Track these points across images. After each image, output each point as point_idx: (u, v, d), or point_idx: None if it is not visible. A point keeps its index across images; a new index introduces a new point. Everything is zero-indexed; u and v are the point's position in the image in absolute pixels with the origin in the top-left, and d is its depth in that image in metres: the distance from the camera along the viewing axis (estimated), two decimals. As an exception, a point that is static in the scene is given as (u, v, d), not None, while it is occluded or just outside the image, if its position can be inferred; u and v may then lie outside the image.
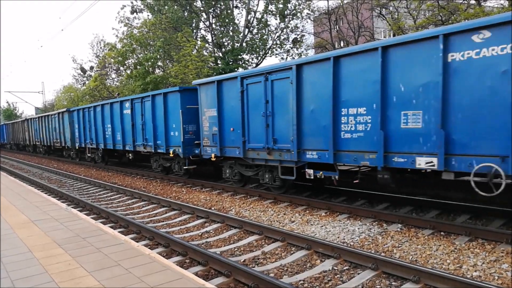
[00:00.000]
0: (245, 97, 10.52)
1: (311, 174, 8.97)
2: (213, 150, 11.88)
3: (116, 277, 4.49)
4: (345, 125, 8.01)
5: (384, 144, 7.27)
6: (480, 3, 18.73)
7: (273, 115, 9.72)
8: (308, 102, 8.78)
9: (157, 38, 24.47)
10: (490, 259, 5.48)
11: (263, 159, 10.22)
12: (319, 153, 8.62)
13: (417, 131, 6.85)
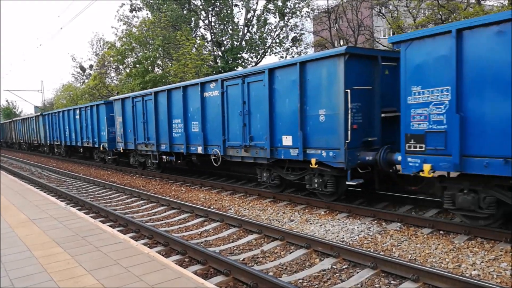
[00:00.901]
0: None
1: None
2: (121, 145, 17.10)
3: (115, 276, 4.49)
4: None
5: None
6: (480, 1, 18.72)
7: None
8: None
9: (156, 37, 24.45)
10: (489, 257, 5.49)
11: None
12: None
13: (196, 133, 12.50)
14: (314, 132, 8.61)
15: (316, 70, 8.38)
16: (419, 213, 7.96)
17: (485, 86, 5.82)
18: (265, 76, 9.54)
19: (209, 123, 11.86)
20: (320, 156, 8.47)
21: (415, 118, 6.67)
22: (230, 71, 21.14)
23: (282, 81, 9.20)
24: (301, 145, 8.79)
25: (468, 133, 6.02)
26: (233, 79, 10.72)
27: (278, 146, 9.49)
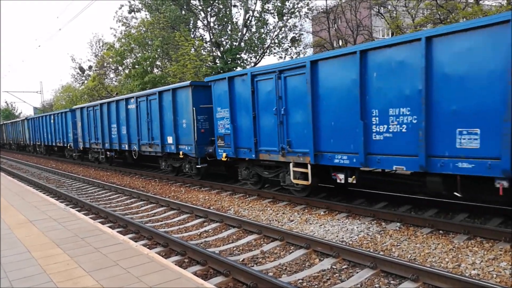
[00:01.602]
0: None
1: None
2: (81, 144, 21.64)
3: (114, 277, 4.48)
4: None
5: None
6: (478, 1, 18.75)
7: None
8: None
9: (155, 38, 24.44)
10: (489, 257, 5.49)
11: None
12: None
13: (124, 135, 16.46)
14: (181, 134, 13.04)
15: (180, 95, 12.86)
16: (418, 213, 7.96)
17: (240, 108, 10.48)
18: (150, 98, 14.72)
19: (131, 127, 16.01)
20: (185, 150, 12.93)
21: (219, 126, 11.24)
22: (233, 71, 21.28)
23: (159, 102, 13.96)
24: (175, 143, 13.32)
25: (237, 135, 10.68)
26: (141, 97, 15.21)
27: (165, 144, 13.97)
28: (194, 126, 12.13)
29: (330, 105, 8.12)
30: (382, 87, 7.16)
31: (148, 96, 14.64)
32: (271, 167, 10.23)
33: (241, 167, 11.17)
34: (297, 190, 9.49)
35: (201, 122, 12.28)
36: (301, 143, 8.85)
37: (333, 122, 8.12)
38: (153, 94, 14.24)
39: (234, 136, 10.66)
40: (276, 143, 9.45)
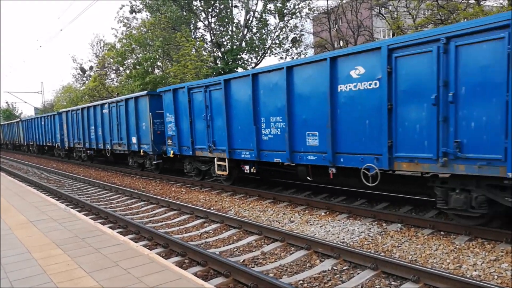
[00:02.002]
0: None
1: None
2: (67, 144, 24.74)
3: (115, 278, 4.48)
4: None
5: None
6: (480, 2, 18.73)
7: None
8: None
9: (156, 38, 24.45)
10: (490, 258, 5.47)
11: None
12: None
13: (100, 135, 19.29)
14: (142, 135, 15.56)
15: (141, 102, 15.51)
16: (419, 214, 7.95)
17: (182, 114, 12.93)
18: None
19: (105, 129, 18.58)
20: (145, 148, 15.56)
21: (168, 128, 13.69)
22: (232, 72, 21.38)
23: (125, 108, 16.51)
24: (137, 142, 15.91)
25: (180, 136, 13.07)
26: (113, 103, 17.83)
27: (131, 143, 16.50)
28: (151, 128, 14.75)
29: (237, 113, 10.66)
30: (266, 101, 9.71)
31: (118, 102, 17.26)
32: (206, 162, 12.64)
33: (185, 162, 13.69)
34: (224, 179, 12.11)
35: (157, 125, 14.79)
36: (221, 142, 11.35)
37: (240, 126, 10.60)
38: (121, 101, 16.85)
39: (178, 137, 13.20)
40: (205, 142, 11.94)
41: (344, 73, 7.75)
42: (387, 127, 6.97)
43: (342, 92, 7.84)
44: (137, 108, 15.62)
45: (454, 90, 6.06)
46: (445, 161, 6.23)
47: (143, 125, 15.25)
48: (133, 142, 16.17)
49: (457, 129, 6.06)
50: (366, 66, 7.35)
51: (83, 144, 21.68)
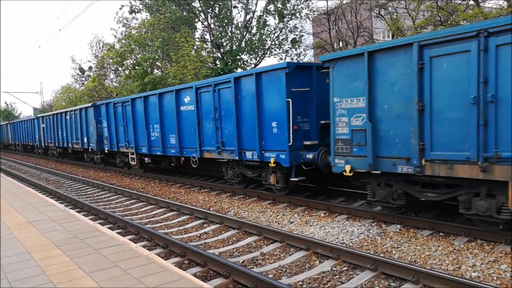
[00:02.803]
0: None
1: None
2: (43, 143, 29.36)
3: (114, 278, 4.47)
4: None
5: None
6: (479, 3, 18.76)
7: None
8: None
9: (155, 39, 24.45)
10: (489, 259, 5.48)
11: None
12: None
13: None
14: (90, 136, 20.06)
15: (88, 112, 19.86)
16: (418, 215, 7.94)
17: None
18: (79, 112, 21.53)
19: (68, 131, 22.99)
20: (92, 146, 19.84)
21: (104, 131, 18.38)
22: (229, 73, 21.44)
23: (80, 115, 21.16)
24: (87, 142, 20.43)
25: (111, 137, 17.84)
26: (72, 111, 22.42)
27: (84, 142, 20.85)
28: (95, 131, 19.20)
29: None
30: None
31: (75, 111, 22.07)
32: (127, 155, 17.09)
33: (116, 156, 18.37)
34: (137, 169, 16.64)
35: (100, 128, 18.94)
36: (121, 141, 16.29)
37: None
38: (77, 110, 21.74)
39: (110, 138, 17.77)
40: (123, 141, 16.27)
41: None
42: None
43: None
44: (86, 116, 20.30)
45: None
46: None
47: (91, 128, 19.86)
48: (85, 141, 20.84)
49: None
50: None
51: (54, 143, 26.44)
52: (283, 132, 9.18)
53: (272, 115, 9.50)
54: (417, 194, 7.16)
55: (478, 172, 5.90)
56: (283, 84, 9.03)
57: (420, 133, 6.53)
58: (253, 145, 10.10)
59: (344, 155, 7.74)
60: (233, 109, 10.47)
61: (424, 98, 6.45)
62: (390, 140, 7.05)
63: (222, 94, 10.97)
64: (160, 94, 13.67)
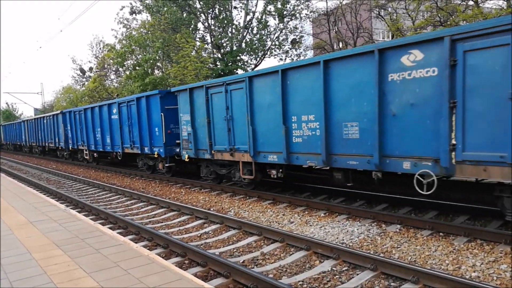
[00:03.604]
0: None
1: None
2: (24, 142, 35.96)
3: (115, 278, 4.48)
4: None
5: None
6: (479, 4, 18.77)
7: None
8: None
9: (156, 39, 24.47)
10: (489, 259, 5.49)
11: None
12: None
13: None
14: (60, 137, 24.62)
15: (58, 118, 24.35)
16: (418, 215, 7.96)
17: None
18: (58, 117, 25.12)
19: (45, 132, 28.16)
20: (61, 145, 24.43)
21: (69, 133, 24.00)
22: (231, 74, 21.54)
23: (48, 121, 26.81)
24: (58, 141, 24.65)
25: (72, 138, 23.85)
26: (50, 116, 26.60)
27: (55, 141, 25.38)
28: (63, 133, 23.52)
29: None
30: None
31: (49, 116, 26.64)
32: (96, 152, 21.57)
33: (80, 152, 22.51)
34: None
35: (67, 130, 23.41)
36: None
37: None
38: (50, 116, 26.36)
39: (70, 138, 23.12)
40: (80, 140, 21.79)
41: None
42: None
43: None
44: (57, 121, 24.25)
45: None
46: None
47: (60, 131, 24.14)
48: (57, 141, 25.40)
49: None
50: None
51: (35, 142, 31.11)
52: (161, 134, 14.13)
53: (155, 123, 14.43)
54: (218, 170, 12.12)
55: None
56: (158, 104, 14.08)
57: (209, 135, 11.64)
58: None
59: (185, 148, 12.96)
60: (136, 119, 15.72)
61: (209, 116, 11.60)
62: (201, 140, 12.09)
63: (131, 109, 16.09)
64: (99, 106, 18.81)
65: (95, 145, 19.83)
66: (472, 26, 6.04)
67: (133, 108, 15.75)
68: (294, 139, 8.94)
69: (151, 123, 14.72)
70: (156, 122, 14.28)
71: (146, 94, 15.07)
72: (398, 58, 6.78)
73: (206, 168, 12.67)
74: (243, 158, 10.57)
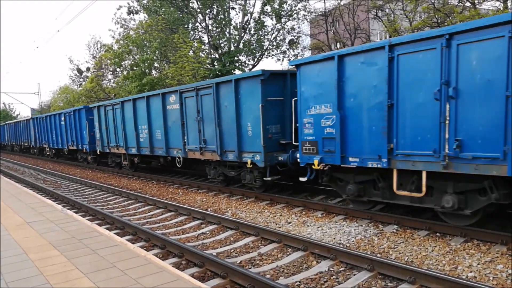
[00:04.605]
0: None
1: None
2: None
3: (111, 279, 4.48)
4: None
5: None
6: (475, 5, 18.85)
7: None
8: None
9: (153, 39, 24.44)
10: (485, 260, 5.51)
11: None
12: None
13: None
14: (31, 139, 31.45)
15: (28, 123, 32.09)
16: (415, 216, 7.97)
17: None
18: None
19: (22, 132, 34.21)
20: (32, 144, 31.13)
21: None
22: (227, 75, 21.52)
23: (25, 125, 33.41)
24: (34, 141, 30.54)
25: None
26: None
27: (30, 140, 31.12)
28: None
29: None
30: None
31: (21, 121, 29.63)
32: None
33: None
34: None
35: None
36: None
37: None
38: (24, 120, 29.84)
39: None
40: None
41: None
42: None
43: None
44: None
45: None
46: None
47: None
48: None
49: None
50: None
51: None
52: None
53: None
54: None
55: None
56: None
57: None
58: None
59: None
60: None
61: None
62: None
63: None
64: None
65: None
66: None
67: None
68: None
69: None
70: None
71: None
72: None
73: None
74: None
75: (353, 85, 7.45)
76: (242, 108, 10.21)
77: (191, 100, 11.89)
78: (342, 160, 7.76)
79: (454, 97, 5.98)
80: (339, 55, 7.58)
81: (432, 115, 6.27)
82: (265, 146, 9.61)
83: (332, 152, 7.90)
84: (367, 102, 7.22)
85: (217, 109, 10.91)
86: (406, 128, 6.68)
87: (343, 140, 7.69)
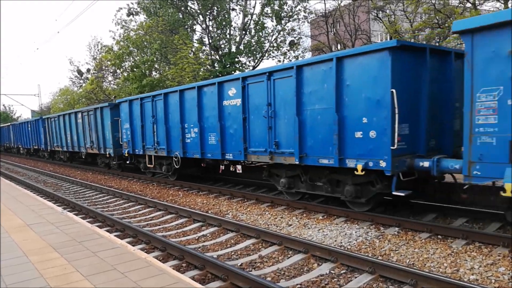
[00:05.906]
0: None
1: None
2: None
3: (112, 281, 4.46)
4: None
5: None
6: (476, 6, 18.84)
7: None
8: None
9: (153, 41, 24.46)
10: (487, 262, 5.49)
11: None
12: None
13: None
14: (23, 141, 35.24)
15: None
16: (416, 218, 7.96)
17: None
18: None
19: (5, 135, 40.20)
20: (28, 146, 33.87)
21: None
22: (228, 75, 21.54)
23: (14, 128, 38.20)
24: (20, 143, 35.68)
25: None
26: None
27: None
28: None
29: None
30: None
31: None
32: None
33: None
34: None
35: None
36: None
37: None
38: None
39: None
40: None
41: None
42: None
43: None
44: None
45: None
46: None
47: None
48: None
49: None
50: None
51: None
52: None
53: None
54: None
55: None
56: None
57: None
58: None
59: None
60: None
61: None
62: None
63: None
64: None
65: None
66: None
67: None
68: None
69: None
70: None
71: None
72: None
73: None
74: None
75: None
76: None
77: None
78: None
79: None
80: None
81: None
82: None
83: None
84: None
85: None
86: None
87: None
